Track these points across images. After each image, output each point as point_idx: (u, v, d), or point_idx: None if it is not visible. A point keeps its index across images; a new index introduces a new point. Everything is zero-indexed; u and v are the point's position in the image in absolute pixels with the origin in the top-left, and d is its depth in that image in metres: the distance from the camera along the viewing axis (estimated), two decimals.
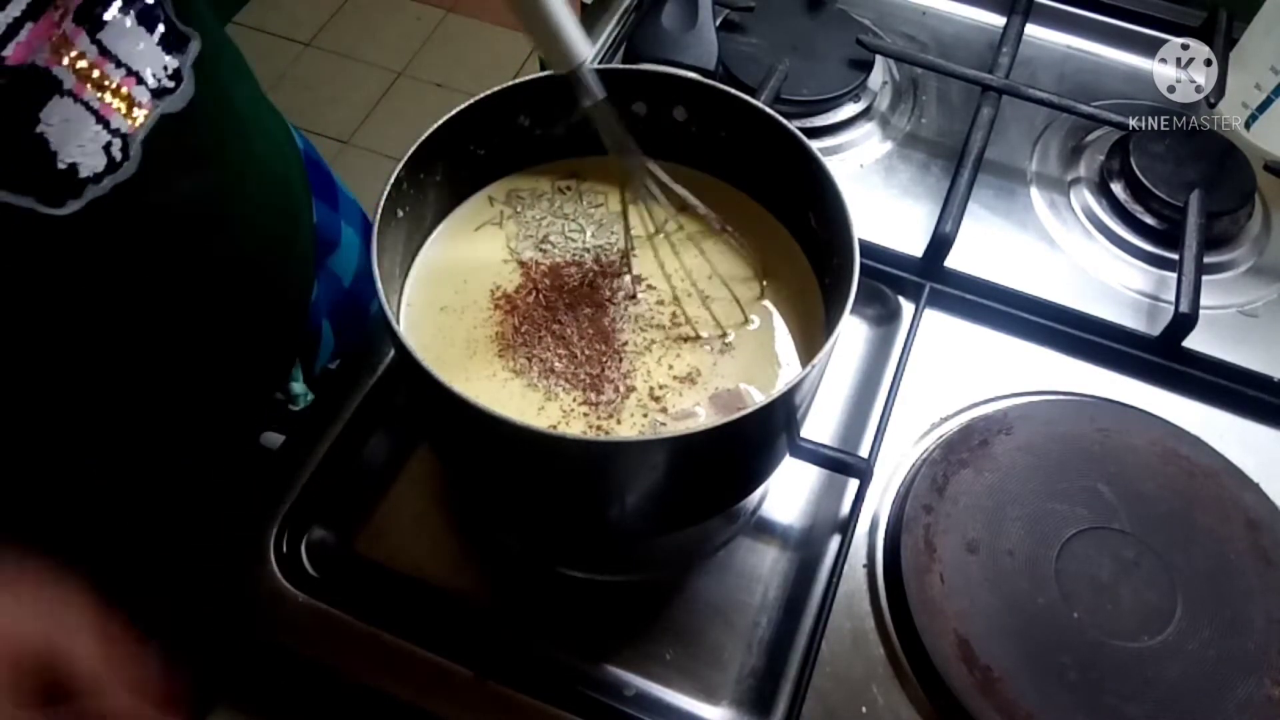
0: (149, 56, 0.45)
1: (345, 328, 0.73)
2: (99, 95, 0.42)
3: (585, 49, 0.47)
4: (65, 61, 0.41)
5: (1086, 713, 0.49)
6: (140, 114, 0.45)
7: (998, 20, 0.84)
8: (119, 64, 0.43)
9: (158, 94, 0.46)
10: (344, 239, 0.72)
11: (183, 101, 0.47)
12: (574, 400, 0.47)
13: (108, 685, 0.41)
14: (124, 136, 0.44)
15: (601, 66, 0.48)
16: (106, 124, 0.43)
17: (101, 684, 0.41)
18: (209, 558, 0.54)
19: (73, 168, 0.42)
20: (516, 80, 0.50)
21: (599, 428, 0.46)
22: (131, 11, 0.44)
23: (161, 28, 0.45)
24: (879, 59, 0.78)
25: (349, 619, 0.52)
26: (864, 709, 0.50)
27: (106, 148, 0.43)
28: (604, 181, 0.56)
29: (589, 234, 0.54)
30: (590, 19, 0.79)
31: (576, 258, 0.53)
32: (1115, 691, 0.50)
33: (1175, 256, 0.66)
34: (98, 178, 0.43)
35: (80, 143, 0.42)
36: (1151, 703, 0.50)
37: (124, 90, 0.44)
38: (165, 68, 0.46)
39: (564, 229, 0.54)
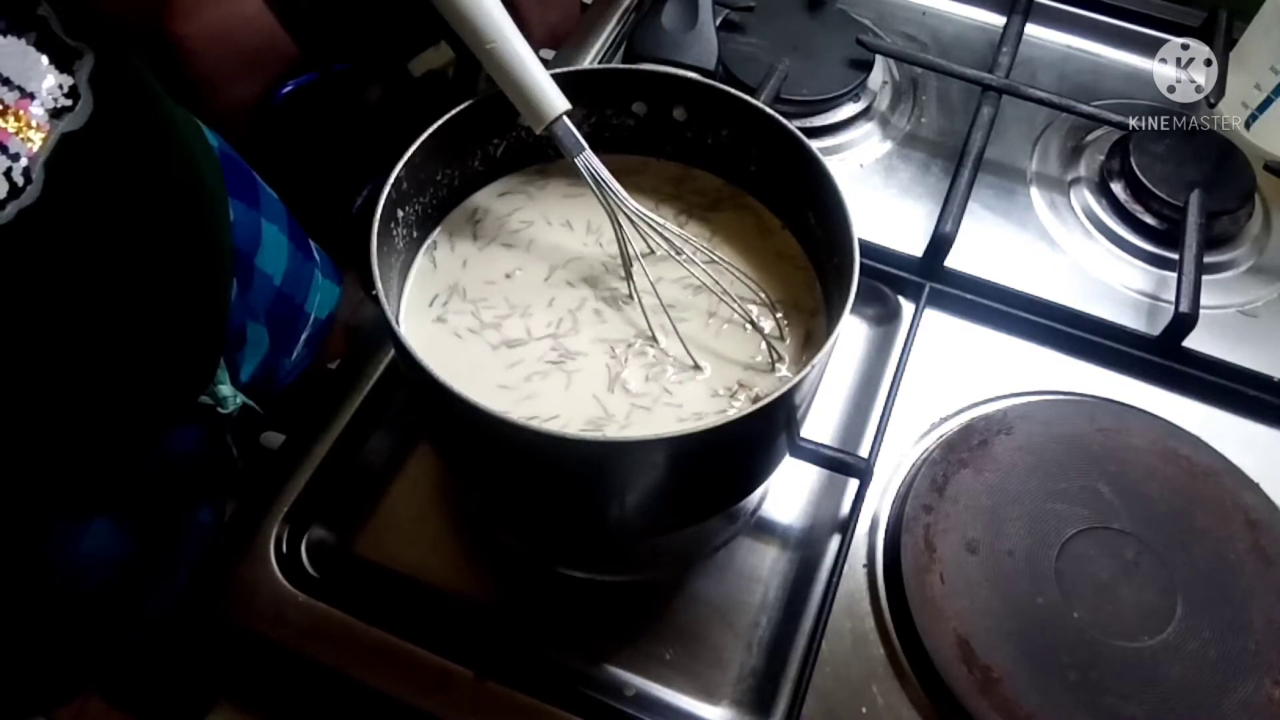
0: (41, 76, 0.43)
1: (279, 327, 0.72)
2: None
3: (559, 103, 0.47)
4: None
5: (1086, 713, 0.49)
6: (38, 136, 0.43)
7: (998, 20, 0.84)
8: (11, 86, 0.42)
9: (55, 114, 0.44)
10: (266, 236, 0.71)
11: (82, 119, 0.45)
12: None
13: None
14: (24, 160, 0.43)
15: (601, 66, 0.48)
16: (4, 149, 0.42)
17: None
18: (209, 558, 0.54)
19: None
20: None
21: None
22: (18, 32, 0.42)
23: (51, 46, 0.44)
24: (879, 59, 0.78)
25: (349, 619, 0.52)
26: (864, 709, 0.50)
27: (7, 173, 0.42)
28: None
29: (588, 236, 0.54)
30: (590, 19, 0.79)
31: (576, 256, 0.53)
32: (1115, 691, 0.50)
33: (1175, 256, 0.66)
34: (1, 204, 0.42)
35: None
36: (1151, 703, 0.50)
37: (19, 112, 0.42)
38: (60, 86, 0.44)
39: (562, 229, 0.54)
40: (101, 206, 0.48)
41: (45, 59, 0.43)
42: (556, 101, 0.47)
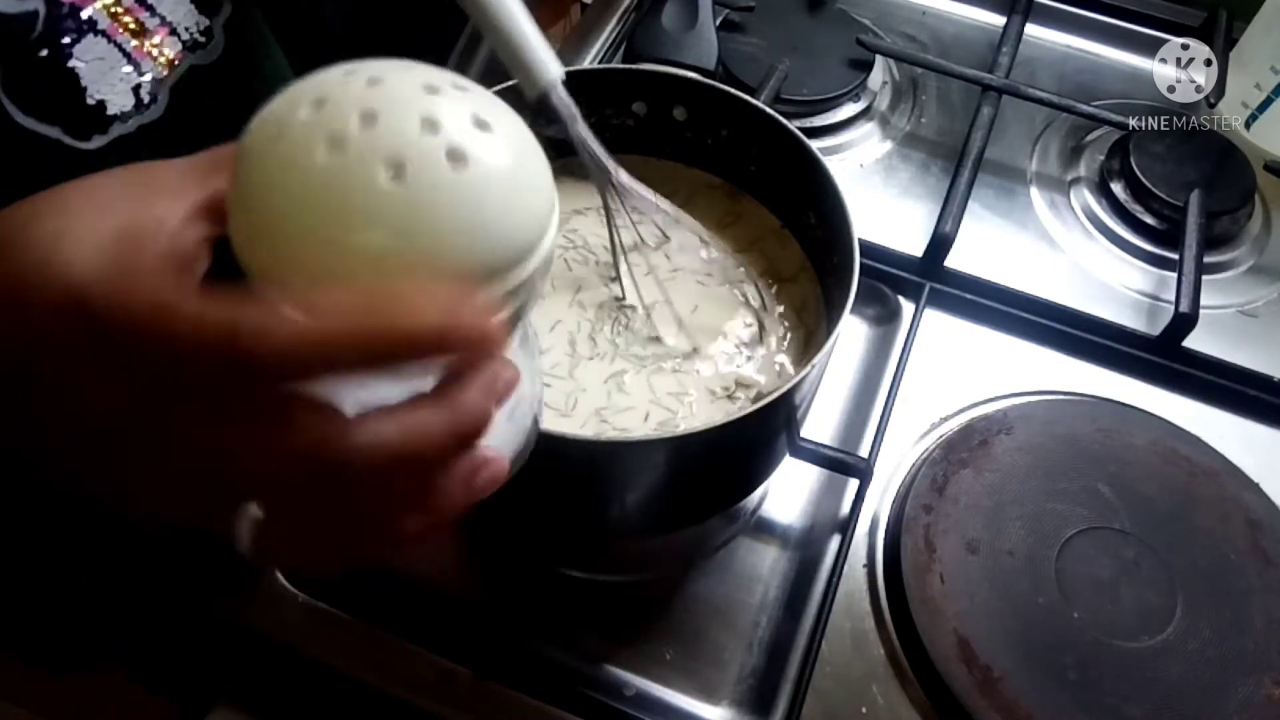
0: (183, 12, 0.48)
1: None
2: (133, 40, 0.46)
3: (555, 68, 0.44)
4: (100, 4, 0.44)
5: (1086, 713, 0.49)
6: (169, 63, 0.48)
7: (998, 20, 0.84)
8: (154, 13, 0.47)
9: (189, 47, 0.49)
10: None
11: (212, 57, 0.50)
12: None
13: None
14: (154, 80, 0.47)
15: (601, 66, 0.48)
16: (138, 66, 0.46)
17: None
18: (209, 557, 0.54)
19: (101, 104, 0.45)
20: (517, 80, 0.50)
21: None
22: None
23: None
24: (879, 59, 0.78)
25: (349, 619, 0.52)
26: (864, 709, 0.50)
27: (136, 89, 0.46)
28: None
29: (584, 235, 0.54)
30: (590, 19, 0.79)
31: (572, 257, 0.53)
32: (1115, 691, 0.50)
33: (1175, 256, 0.66)
34: (125, 117, 0.46)
35: (111, 82, 0.45)
36: (1151, 703, 0.50)
37: (157, 39, 0.47)
38: (198, 24, 0.49)
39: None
40: (213, 138, 0.52)
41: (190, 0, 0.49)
42: (552, 66, 0.44)
